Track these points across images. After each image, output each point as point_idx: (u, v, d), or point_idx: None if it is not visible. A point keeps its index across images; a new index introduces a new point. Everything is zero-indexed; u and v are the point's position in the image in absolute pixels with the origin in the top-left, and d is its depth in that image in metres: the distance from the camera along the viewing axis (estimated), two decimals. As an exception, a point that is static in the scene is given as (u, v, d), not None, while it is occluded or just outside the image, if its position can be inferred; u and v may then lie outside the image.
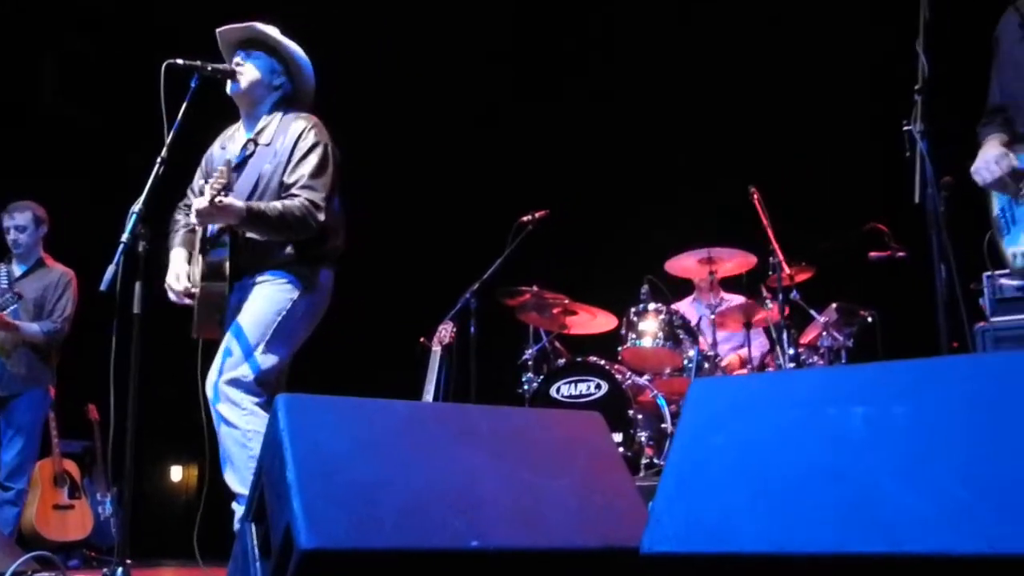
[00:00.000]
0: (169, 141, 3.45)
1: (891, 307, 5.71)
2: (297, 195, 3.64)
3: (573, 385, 5.55)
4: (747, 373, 5.77)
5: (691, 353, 5.60)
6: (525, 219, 5.77)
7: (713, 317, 5.73)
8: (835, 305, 5.69)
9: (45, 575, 4.13)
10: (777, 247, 5.61)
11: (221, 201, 3.42)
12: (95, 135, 7.86)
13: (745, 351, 5.83)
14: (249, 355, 3.57)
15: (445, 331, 5.71)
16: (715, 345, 5.69)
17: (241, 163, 3.81)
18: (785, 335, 5.50)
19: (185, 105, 3.53)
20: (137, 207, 3.30)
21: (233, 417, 3.50)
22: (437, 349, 5.68)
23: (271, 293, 3.67)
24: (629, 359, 5.79)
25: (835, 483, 1.81)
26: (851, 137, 6.76)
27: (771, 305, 5.66)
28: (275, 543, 2.31)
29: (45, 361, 5.52)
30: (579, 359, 5.70)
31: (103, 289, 3.12)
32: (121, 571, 3.10)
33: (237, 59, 3.86)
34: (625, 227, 7.67)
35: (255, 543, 2.52)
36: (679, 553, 1.93)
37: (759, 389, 2.14)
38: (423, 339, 5.77)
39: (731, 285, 6.36)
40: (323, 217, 3.66)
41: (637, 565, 1.95)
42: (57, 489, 6.50)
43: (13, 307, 5.09)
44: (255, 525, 2.54)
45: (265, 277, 3.69)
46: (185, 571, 6.16)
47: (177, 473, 9.47)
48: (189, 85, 3.62)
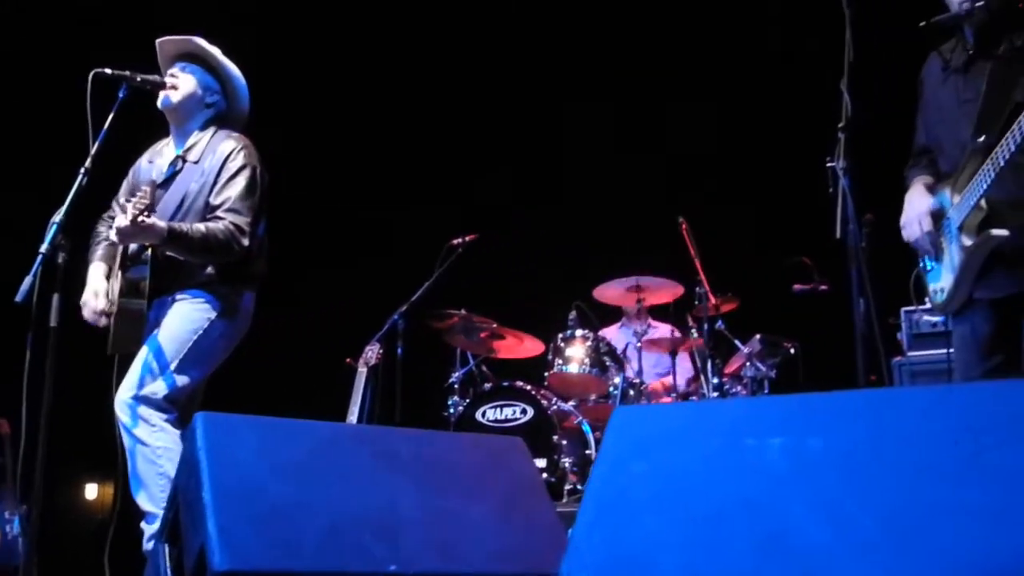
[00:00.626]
0: (94, 152, 3.37)
1: (813, 339, 5.82)
2: (222, 218, 3.58)
3: (499, 410, 5.54)
4: (671, 401, 5.82)
5: (617, 380, 5.64)
6: (455, 242, 5.76)
7: (639, 345, 5.78)
8: (759, 336, 5.78)
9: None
10: (703, 277, 5.69)
11: (143, 221, 3.35)
12: (17, 143, 7.66)
13: (670, 379, 5.88)
14: (162, 372, 3.51)
15: (372, 352, 5.66)
16: (641, 372, 5.74)
17: (168, 179, 3.74)
18: (710, 364, 5.57)
19: (112, 116, 3.46)
20: (58, 218, 3.21)
21: (142, 434, 3.43)
22: (363, 370, 5.63)
23: (188, 312, 3.60)
24: (555, 385, 5.81)
25: (753, 515, 1.83)
26: (777, 172, 6.90)
27: (696, 334, 5.74)
28: (188, 565, 2.27)
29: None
30: (505, 384, 5.69)
31: (19, 300, 3.03)
32: (25, 593, 3.00)
33: (173, 71, 3.79)
34: (554, 253, 7.72)
35: (168, 565, 2.46)
36: (597, 581, 1.93)
37: (681, 418, 2.16)
38: (349, 359, 5.72)
39: (658, 313, 6.43)
40: (247, 242, 3.59)
41: (555, 592, 1.95)
42: (-37, 506, 6.28)
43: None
44: (168, 546, 2.49)
45: (184, 296, 3.63)
46: (95, 592, 5.99)
47: (92, 491, 9.23)
48: (117, 95, 3.55)
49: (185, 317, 3.59)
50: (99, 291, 3.71)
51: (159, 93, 3.74)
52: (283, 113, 3.93)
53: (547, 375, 5.78)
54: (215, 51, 3.84)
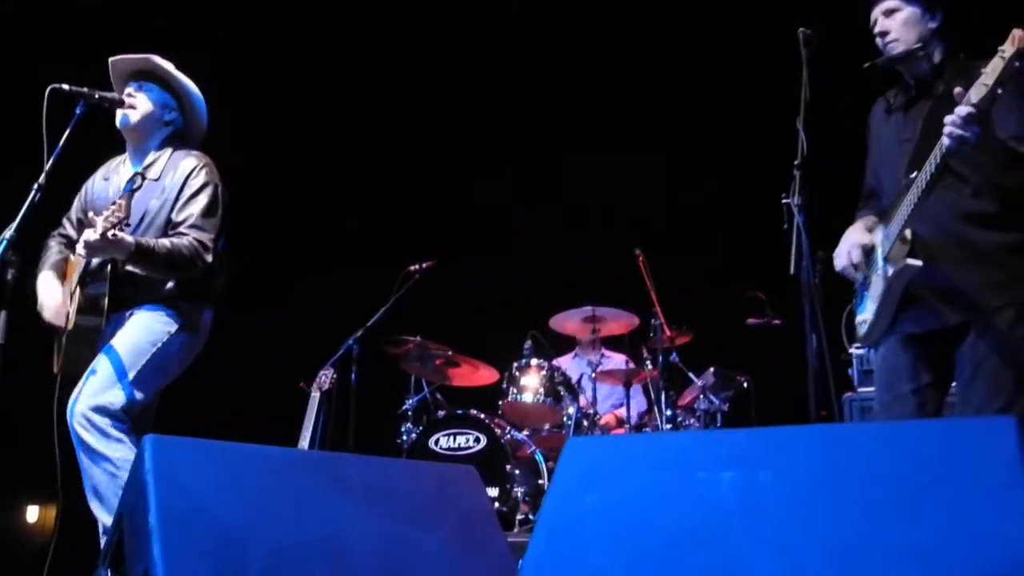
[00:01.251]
0: (48, 168, 3.32)
1: (766, 373, 5.88)
2: (186, 234, 3.55)
3: (452, 438, 5.52)
4: (624, 432, 5.84)
5: (571, 410, 5.64)
6: (412, 268, 5.75)
7: (594, 375, 5.79)
8: (712, 369, 5.83)
9: None
10: (659, 309, 5.73)
11: (115, 235, 3.31)
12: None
13: (623, 410, 5.90)
14: (119, 383, 3.43)
15: (325, 377, 5.61)
16: (595, 403, 5.75)
17: (126, 196, 3.70)
18: (663, 396, 5.59)
19: (68, 132, 3.41)
20: (8, 234, 3.17)
21: (100, 446, 3.35)
22: (316, 395, 5.58)
23: (148, 324, 3.56)
24: (509, 413, 5.80)
25: (703, 548, 1.84)
26: (733, 207, 6.98)
27: (651, 366, 5.76)
28: (131, 591, 2.22)
29: None
30: (459, 412, 5.67)
31: (-36, 317, 2.97)
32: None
33: (129, 90, 3.75)
34: (511, 282, 7.73)
35: (110, 591, 2.41)
36: (546, 612, 1.92)
37: (634, 450, 2.16)
38: (302, 384, 5.67)
39: (613, 344, 6.45)
40: (210, 258, 3.57)
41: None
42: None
43: None
44: (111, 571, 2.43)
45: (144, 310, 3.58)
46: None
47: (33, 513, 9.02)
48: (74, 111, 3.50)
49: (144, 328, 3.54)
50: (56, 294, 3.65)
51: (117, 111, 3.71)
52: (238, 137, 3.91)
53: (501, 404, 5.77)
54: (170, 68, 3.81)
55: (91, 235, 3.32)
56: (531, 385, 5.70)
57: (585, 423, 5.65)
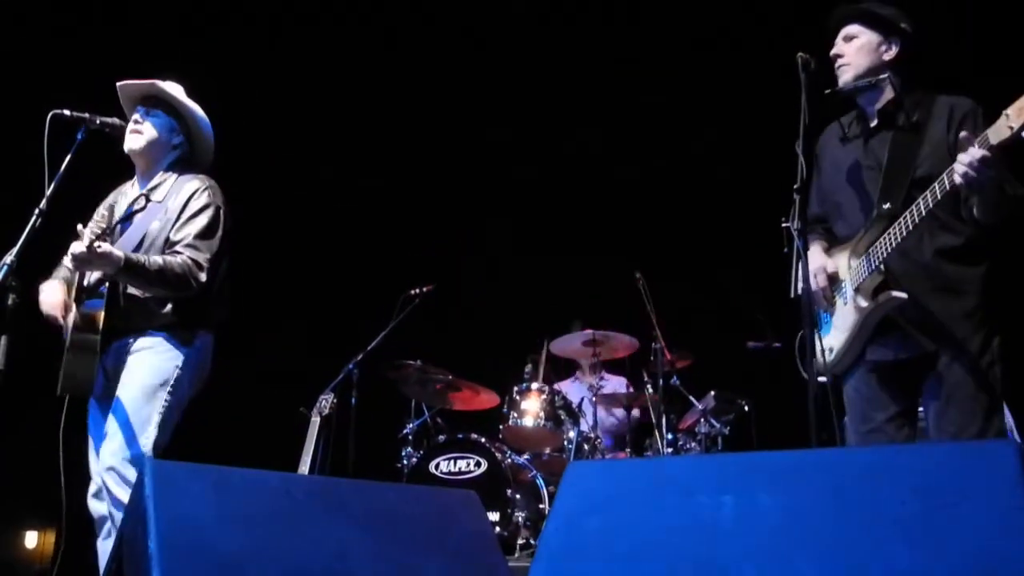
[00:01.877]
0: (49, 194, 3.33)
1: (766, 396, 5.86)
2: (180, 252, 3.54)
3: (452, 462, 5.50)
4: (625, 456, 5.82)
5: (571, 434, 5.63)
6: (412, 292, 5.75)
7: (594, 399, 5.78)
8: (713, 393, 5.82)
9: None
10: (659, 333, 5.72)
11: (99, 246, 3.30)
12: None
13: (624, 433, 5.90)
14: (146, 430, 3.41)
15: (325, 401, 5.60)
16: (596, 426, 5.74)
17: (128, 216, 3.70)
18: (664, 420, 5.58)
19: (69, 158, 3.42)
20: (9, 259, 3.16)
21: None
22: (316, 419, 5.57)
23: (155, 362, 3.53)
24: (510, 437, 5.79)
25: (704, 572, 1.83)
26: (733, 231, 6.99)
27: (651, 389, 5.76)
28: (130, 617, 2.21)
29: None
30: (460, 436, 5.66)
31: (-35, 342, 2.97)
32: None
33: (136, 116, 3.77)
34: (511, 306, 7.73)
35: (109, 617, 2.40)
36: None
37: (634, 474, 2.16)
38: (302, 408, 5.65)
39: (613, 368, 6.44)
40: (204, 277, 3.54)
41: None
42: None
43: None
44: (110, 598, 2.43)
45: (146, 342, 3.55)
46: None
47: (32, 539, 8.98)
48: (76, 137, 3.51)
49: (153, 369, 3.51)
50: (59, 292, 3.65)
51: (124, 137, 3.72)
52: (238, 162, 3.93)
53: (502, 428, 5.76)
54: (178, 93, 3.83)
55: (78, 247, 3.31)
56: (531, 409, 5.69)
57: (586, 447, 5.64)
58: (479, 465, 5.47)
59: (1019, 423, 4.64)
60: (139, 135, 3.73)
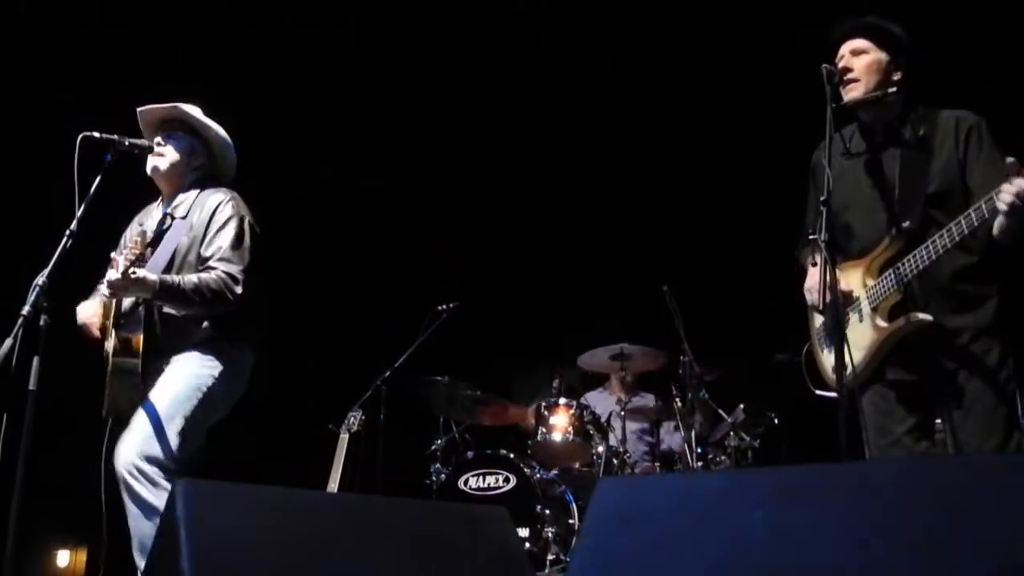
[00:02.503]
0: (79, 214, 3.36)
1: (796, 409, 5.81)
2: (214, 267, 3.58)
3: (481, 478, 5.49)
4: (656, 471, 5.80)
5: (600, 449, 5.61)
6: (439, 308, 5.76)
7: (623, 413, 5.76)
8: (742, 406, 5.78)
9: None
10: (687, 346, 5.70)
11: (135, 273, 3.35)
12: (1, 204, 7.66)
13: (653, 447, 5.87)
14: (167, 430, 3.43)
15: (354, 418, 5.63)
16: (624, 441, 5.72)
17: (157, 237, 3.75)
18: (693, 434, 5.55)
19: (99, 179, 3.46)
20: (41, 280, 3.20)
21: (149, 496, 3.34)
22: (345, 436, 5.59)
23: (194, 368, 3.57)
24: (539, 453, 5.77)
25: (736, 587, 1.81)
26: (762, 241, 6.95)
27: (680, 403, 5.73)
28: (163, 637, 2.22)
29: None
30: (488, 452, 5.65)
31: (-3, 362, 3.00)
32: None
33: (157, 139, 3.82)
34: (539, 320, 7.73)
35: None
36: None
37: (665, 490, 2.14)
38: (331, 425, 5.67)
39: (642, 381, 6.42)
40: (240, 290, 3.57)
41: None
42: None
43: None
44: (143, 616, 2.44)
45: (184, 356, 3.60)
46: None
47: (64, 558, 9.04)
48: (104, 158, 3.55)
49: (188, 373, 3.56)
50: (94, 306, 3.71)
51: (147, 158, 3.77)
52: (263, 177, 3.96)
53: (530, 443, 5.75)
54: (197, 114, 3.87)
55: (113, 274, 3.36)
56: (560, 424, 5.67)
57: (615, 461, 5.62)
58: (508, 481, 5.45)
59: None
60: (161, 158, 3.79)
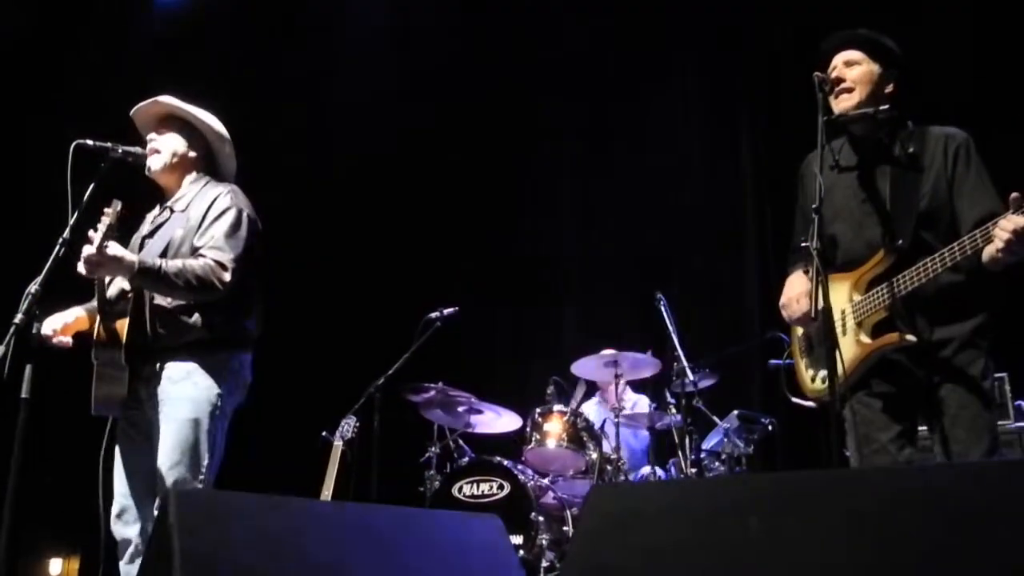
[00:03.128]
0: (73, 222, 3.34)
1: (790, 415, 5.82)
2: (204, 255, 3.51)
3: (475, 485, 5.48)
4: (648, 478, 5.79)
5: (594, 456, 5.61)
6: (433, 315, 5.76)
7: (617, 420, 5.76)
8: (736, 412, 5.79)
9: None
10: (681, 353, 5.70)
11: (107, 246, 3.28)
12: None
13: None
14: (193, 457, 3.39)
15: (348, 425, 5.62)
16: (618, 448, 5.71)
17: (155, 229, 3.73)
18: (687, 441, 5.55)
19: (92, 187, 3.43)
20: (34, 287, 3.18)
21: None
22: (339, 444, 5.58)
23: (193, 397, 3.47)
24: (533, 460, 5.77)
25: (729, 594, 1.82)
26: (755, 250, 6.98)
27: (674, 410, 5.73)
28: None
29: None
30: (482, 459, 5.65)
31: (-10, 370, 2.99)
32: None
33: (151, 136, 3.80)
34: (532, 327, 7.73)
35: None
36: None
37: (658, 496, 2.15)
38: (325, 433, 5.66)
39: (636, 389, 6.42)
40: (229, 277, 3.49)
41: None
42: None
43: None
44: (136, 624, 2.43)
45: (180, 371, 3.50)
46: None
47: (56, 566, 8.99)
48: (100, 165, 3.53)
49: (195, 404, 3.48)
50: (75, 314, 3.63)
51: (145, 163, 3.75)
52: (255, 183, 3.95)
53: (524, 450, 5.74)
54: (185, 106, 3.83)
55: (87, 249, 3.30)
56: (554, 431, 5.67)
57: (609, 468, 5.62)
58: (502, 488, 5.45)
59: None
60: (156, 155, 3.75)
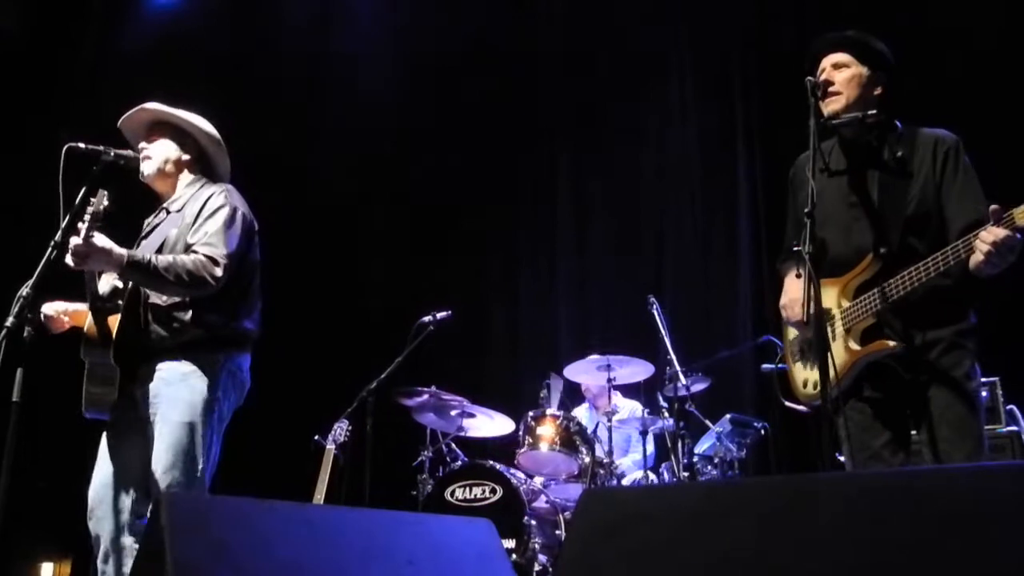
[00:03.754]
0: (64, 226, 3.33)
1: (784, 419, 5.83)
2: (196, 251, 3.51)
3: (468, 489, 5.48)
4: (641, 482, 5.80)
5: (587, 459, 5.61)
6: (426, 319, 5.75)
7: (609, 424, 5.76)
8: (729, 416, 5.79)
9: None
10: (674, 357, 5.70)
11: (93, 236, 3.26)
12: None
13: (639, 458, 5.87)
14: (189, 460, 3.37)
15: (340, 429, 5.61)
16: (611, 452, 5.72)
17: (151, 231, 3.74)
18: (680, 445, 5.55)
19: (84, 190, 3.42)
20: (25, 291, 3.17)
21: None
22: (331, 448, 5.57)
23: (190, 398, 3.46)
24: (525, 463, 5.77)
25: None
26: (748, 254, 6.99)
27: (667, 414, 5.74)
28: (146, 650, 2.21)
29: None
30: (475, 463, 5.64)
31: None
32: None
33: (143, 144, 3.81)
34: (525, 331, 7.73)
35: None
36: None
37: (650, 501, 2.15)
38: (317, 437, 5.65)
39: (628, 393, 6.42)
40: (220, 272, 3.48)
41: None
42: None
43: None
44: (127, 629, 2.42)
45: (175, 372, 3.49)
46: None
47: (48, 570, 8.96)
48: (91, 169, 3.52)
49: (188, 407, 3.46)
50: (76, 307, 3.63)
51: (139, 167, 3.76)
52: (249, 187, 3.95)
53: (517, 454, 5.74)
54: (177, 112, 3.84)
55: (75, 240, 3.29)
56: (547, 435, 5.67)
57: (601, 472, 5.62)
58: (495, 492, 5.44)
59: None
60: (148, 161, 3.77)
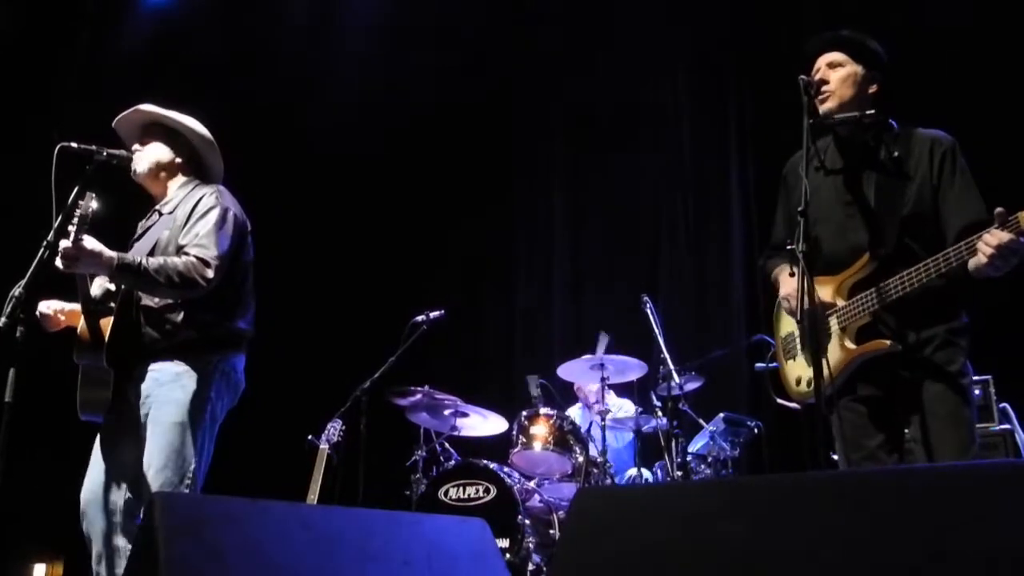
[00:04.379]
0: (57, 226, 3.32)
1: (777, 417, 5.84)
2: (187, 253, 3.51)
3: (461, 488, 5.47)
4: (634, 481, 5.80)
5: (580, 459, 5.61)
6: (419, 319, 5.75)
7: (603, 423, 5.76)
8: (723, 415, 5.79)
9: None
10: (667, 356, 5.70)
11: (82, 239, 3.27)
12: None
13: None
14: (183, 480, 3.36)
15: (333, 429, 5.60)
16: (604, 451, 5.71)
17: (143, 233, 3.75)
18: (673, 444, 5.55)
19: (77, 190, 3.42)
20: (18, 291, 3.16)
21: None
22: (325, 447, 5.56)
23: (184, 399, 3.46)
24: (519, 463, 5.76)
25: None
26: (741, 253, 7.00)
27: (660, 413, 5.74)
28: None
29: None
30: (468, 462, 5.64)
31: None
32: None
33: (135, 145, 3.82)
34: (519, 330, 7.72)
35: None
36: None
37: (644, 500, 2.15)
38: (311, 437, 5.65)
39: (622, 392, 6.42)
40: (212, 274, 3.48)
41: None
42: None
43: None
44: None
45: (168, 372, 3.49)
46: None
47: (40, 572, 8.94)
48: (84, 168, 3.52)
49: (180, 408, 3.46)
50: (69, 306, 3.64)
51: (130, 166, 3.77)
52: (242, 188, 3.95)
53: (511, 453, 5.74)
54: (171, 114, 3.85)
55: (64, 243, 3.29)
56: (540, 434, 5.67)
57: (595, 471, 5.61)
58: (488, 491, 5.44)
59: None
60: (140, 162, 3.77)
